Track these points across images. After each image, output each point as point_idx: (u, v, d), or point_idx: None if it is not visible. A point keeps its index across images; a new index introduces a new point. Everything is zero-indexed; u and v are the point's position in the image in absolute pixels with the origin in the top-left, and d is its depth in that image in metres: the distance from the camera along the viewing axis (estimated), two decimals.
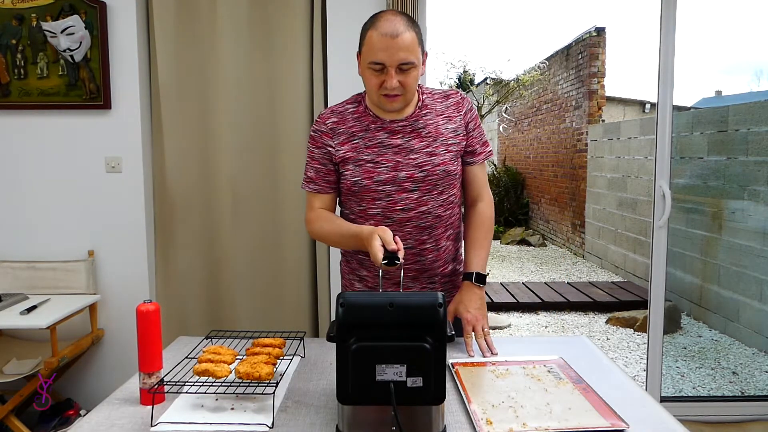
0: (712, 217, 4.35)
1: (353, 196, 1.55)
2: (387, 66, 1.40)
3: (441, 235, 1.58)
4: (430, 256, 1.57)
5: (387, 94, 1.44)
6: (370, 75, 1.44)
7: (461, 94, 1.62)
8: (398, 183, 1.51)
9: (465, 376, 1.33)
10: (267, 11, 2.59)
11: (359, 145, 1.52)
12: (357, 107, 1.56)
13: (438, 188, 1.53)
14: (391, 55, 1.38)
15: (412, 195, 1.52)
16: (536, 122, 10.33)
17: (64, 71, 2.55)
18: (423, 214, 1.53)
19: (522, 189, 10.83)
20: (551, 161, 9.43)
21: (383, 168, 1.50)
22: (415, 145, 1.51)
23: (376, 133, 1.52)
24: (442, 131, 1.54)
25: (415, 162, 1.51)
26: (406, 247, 1.51)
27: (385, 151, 1.51)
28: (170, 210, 2.67)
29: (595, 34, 7.99)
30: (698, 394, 3.40)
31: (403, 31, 1.38)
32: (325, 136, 1.55)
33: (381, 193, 1.51)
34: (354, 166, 1.51)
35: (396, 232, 1.46)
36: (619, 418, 1.11)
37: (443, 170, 1.52)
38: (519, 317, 5.14)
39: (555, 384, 1.28)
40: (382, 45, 1.38)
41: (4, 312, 2.32)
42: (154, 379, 1.20)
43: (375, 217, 1.53)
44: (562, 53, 9.11)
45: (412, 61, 1.40)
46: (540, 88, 9.95)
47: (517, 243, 9.27)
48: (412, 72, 1.42)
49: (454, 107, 1.57)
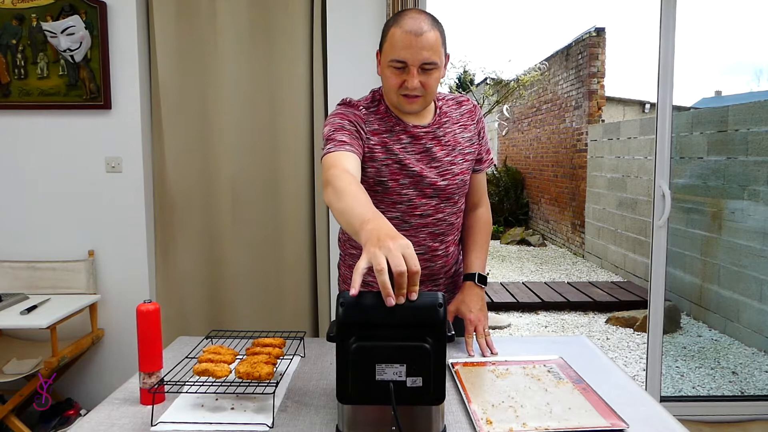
0: (712, 217, 4.35)
1: (374, 197, 1.45)
2: (409, 65, 1.36)
3: (450, 242, 1.58)
4: (439, 262, 1.57)
5: (407, 95, 1.39)
6: (390, 74, 1.39)
7: (472, 102, 1.60)
8: (420, 189, 1.48)
9: (465, 376, 1.33)
10: (267, 11, 2.59)
11: (387, 143, 1.45)
12: (378, 106, 1.49)
13: (455, 197, 1.53)
14: (414, 54, 1.34)
15: (431, 201, 1.49)
16: (536, 122, 10.33)
17: (64, 71, 2.55)
18: (438, 221, 1.52)
19: (522, 189, 10.83)
20: (551, 161, 9.43)
21: (409, 172, 1.46)
22: (437, 153, 1.48)
23: (400, 136, 1.47)
24: (459, 140, 1.52)
25: (437, 170, 1.48)
26: (418, 253, 1.44)
27: (409, 156, 1.47)
28: (170, 210, 2.67)
29: (595, 34, 7.99)
30: (698, 394, 3.40)
31: (427, 30, 1.34)
32: (359, 118, 1.44)
33: (403, 197, 1.48)
34: (380, 165, 1.45)
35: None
36: (618, 417, 1.11)
37: (462, 180, 1.52)
38: (519, 317, 5.14)
39: (555, 384, 1.28)
40: (405, 43, 1.34)
41: (4, 312, 2.32)
42: (154, 379, 1.20)
43: (393, 221, 1.43)
44: (562, 53, 9.11)
45: (435, 61, 1.36)
46: (540, 88, 9.95)
47: (517, 243, 9.27)
48: (434, 73, 1.38)
49: (468, 115, 1.56)
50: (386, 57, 1.39)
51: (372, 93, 1.52)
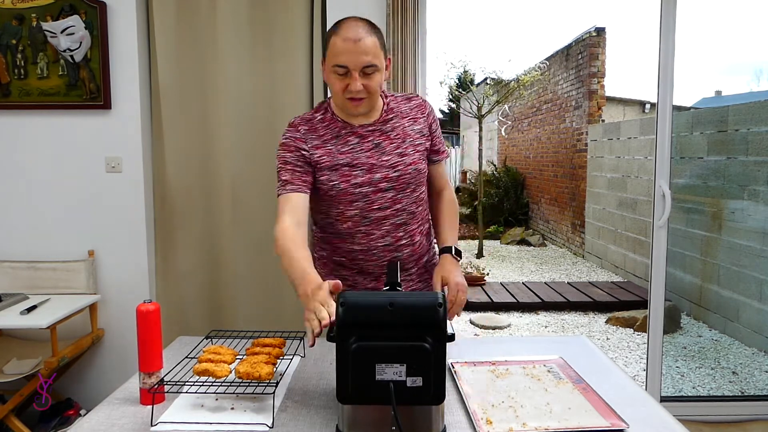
0: (712, 217, 4.35)
1: (331, 201, 1.59)
2: (351, 69, 1.45)
3: (415, 231, 1.65)
4: (406, 251, 1.64)
5: (352, 98, 1.49)
6: (334, 79, 1.48)
7: (422, 97, 1.70)
8: (374, 184, 1.57)
9: (465, 376, 1.33)
10: (267, 11, 2.59)
11: (333, 151, 1.56)
12: (325, 114, 1.60)
13: (411, 186, 1.60)
14: (354, 59, 1.44)
15: (387, 194, 1.58)
16: (536, 122, 10.33)
17: (64, 71, 2.55)
18: (398, 211, 1.60)
19: (522, 189, 10.82)
20: (551, 161, 9.43)
21: (359, 171, 1.56)
22: (386, 147, 1.58)
23: (347, 138, 1.57)
24: (409, 132, 1.61)
25: (388, 163, 1.57)
26: (383, 244, 1.60)
27: (359, 155, 1.56)
28: (170, 210, 2.67)
29: (595, 34, 7.99)
30: (698, 394, 3.40)
31: (364, 36, 1.44)
32: (299, 141, 1.58)
33: (358, 195, 1.57)
34: (330, 171, 1.56)
35: (373, 231, 1.58)
36: (619, 417, 1.11)
37: (414, 169, 1.59)
38: (519, 317, 5.14)
39: (555, 384, 1.28)
40: (345, 49, 1.44)
41: (4, 312, 2.32)
42: (154, 379, 1.20)
43: (353, 219, 1.59)
44: (562, 53, 9.11)
45: (374, 64, 1.46)
46: (540, 88, 9.95)
47: (517, 243, 9.27)
48: (375, 76, 1.48)
49: (417, 109, 1.65)
50: (329, 63, 1.48)
51: (320, 104, 1.64)
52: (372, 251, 1.61)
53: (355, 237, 1.61)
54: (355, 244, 1.61)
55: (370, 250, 1.61)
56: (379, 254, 1.61)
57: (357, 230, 1.60)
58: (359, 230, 1.60)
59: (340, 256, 1.66)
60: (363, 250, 1.61)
